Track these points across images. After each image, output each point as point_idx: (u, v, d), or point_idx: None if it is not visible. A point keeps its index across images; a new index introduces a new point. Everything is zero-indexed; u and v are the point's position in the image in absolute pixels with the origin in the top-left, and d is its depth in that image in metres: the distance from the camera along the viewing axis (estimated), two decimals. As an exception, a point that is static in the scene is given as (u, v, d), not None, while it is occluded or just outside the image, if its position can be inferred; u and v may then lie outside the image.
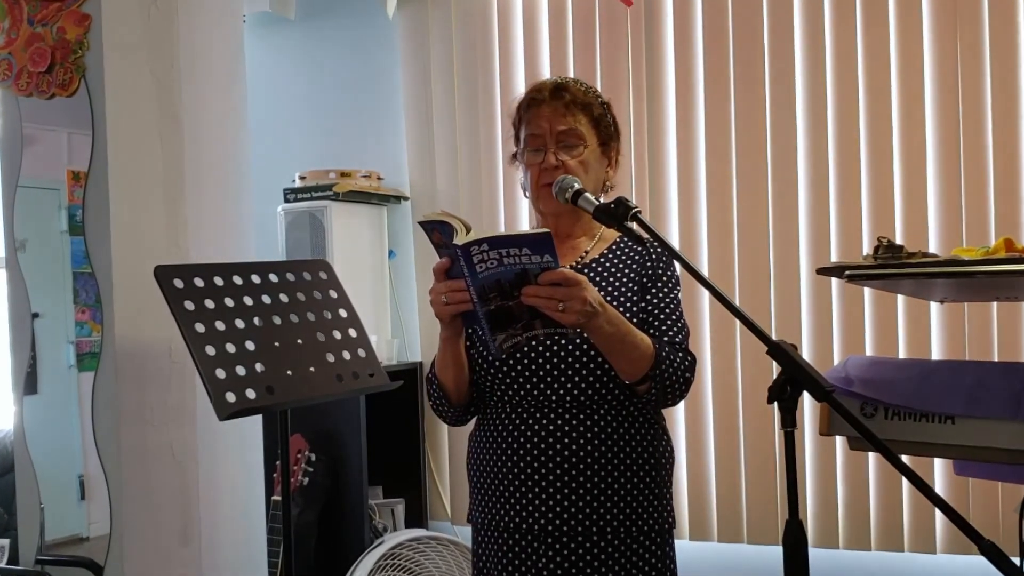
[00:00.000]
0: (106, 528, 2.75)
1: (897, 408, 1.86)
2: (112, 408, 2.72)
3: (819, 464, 3.59)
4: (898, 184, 3.51)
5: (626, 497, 1.87)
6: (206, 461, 2.90)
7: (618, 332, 1.75)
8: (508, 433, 1.91)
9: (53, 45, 2.82)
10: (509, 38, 4.10)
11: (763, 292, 3.66)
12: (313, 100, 4.52)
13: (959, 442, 1.79)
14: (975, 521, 3.28)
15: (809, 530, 3.52)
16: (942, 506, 1.34)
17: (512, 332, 1.69)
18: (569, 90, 1.96)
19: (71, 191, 3.00)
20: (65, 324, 2.98)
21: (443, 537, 3.47)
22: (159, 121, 2.86)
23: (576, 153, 1.93)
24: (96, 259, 2.75)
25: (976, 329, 3.38)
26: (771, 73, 3.67)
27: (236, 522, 3.04)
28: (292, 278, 2.41)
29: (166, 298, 2.16)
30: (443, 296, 1.72)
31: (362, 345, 2.45)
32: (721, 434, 3.73)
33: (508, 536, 1.91)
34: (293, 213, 4.04)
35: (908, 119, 3.49)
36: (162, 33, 2.87)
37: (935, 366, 2.18)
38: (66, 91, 2.80)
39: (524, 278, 1.63)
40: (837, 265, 1.90)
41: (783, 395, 1.41)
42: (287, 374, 2.25)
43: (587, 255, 1.99)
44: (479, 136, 4.14)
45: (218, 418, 2.10)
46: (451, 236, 1.64)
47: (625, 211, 1.69)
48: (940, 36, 3.45)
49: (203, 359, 2.12)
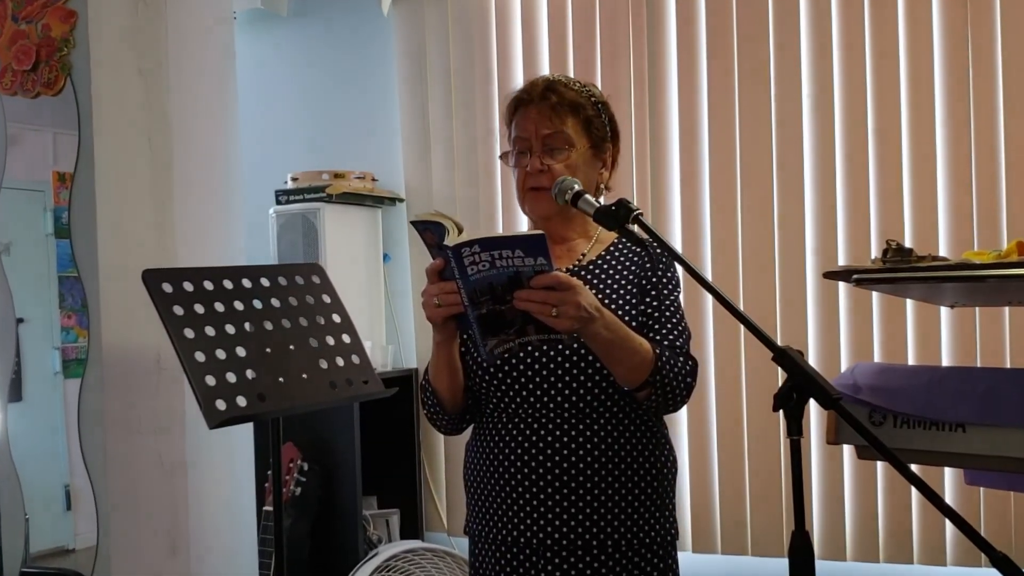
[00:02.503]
0: (93, 539, 2.75)
1: (906, 416, 1.86)
2: (99, 416, 2.72)
3: (826, 474, 3.59)
4: (907, 185, 3.51)
5: (627, 509, 1.87)
6: (195, 471, 2.90)
7: (616, 337, 1.74)
8: (505, 443, 1.90)
9: (38, 43, 2.82)
10: (507, 34, 4.11)
11: (768, 296, 3.66)
12: (306, 99, 4.53)
13: (970, 451, 1.79)
14: (987, 533, 3.29)
15: (816, 542, 3.54)
16: (953, 517, 1.33)
17: (504, 337, 1.68)
18: (557, 91, 1.95)
19: (57, 192, 3.01)
20: (50, 329, 2.99)
21: (439, 549, 3.47)
22: (147, 120, 2.86)
23: (562, 157, 1.92)
24: (82, 262, 2.75)
25: (988, 334, 3.38)
26: (776, 69, 3.67)
27: (226, 533, 3.04)
28: (284, 282, 2.41)
29: (154, 303, 2.15)
30: (435, 298, 1.72)
31: (356, 351, 2.45)
32: (725, 443, 3.73)
33: (507, 549, 1.91)
34: (285, 215, 4.04)
35: (918, 117, 3.50)
36: (150, 30, 2.87)
37: (945, 373, 2.17)
38: (51, 90, 2.80)
39: (517, 281, 1.62)
40: (845, 269, 1.90)
41: (789, 402, 1.41)
42: (279, 381, 2.25)
43: (584, 257, 1.99)
44: (476, 136, 4.14)
45: (208, 426, 2.10)
46: (443, 237, 1.64)
47: (626, 213, 1.69)
48: (951, 31, 3.45)
49: (192, 365, 2.12)
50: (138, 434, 2.77)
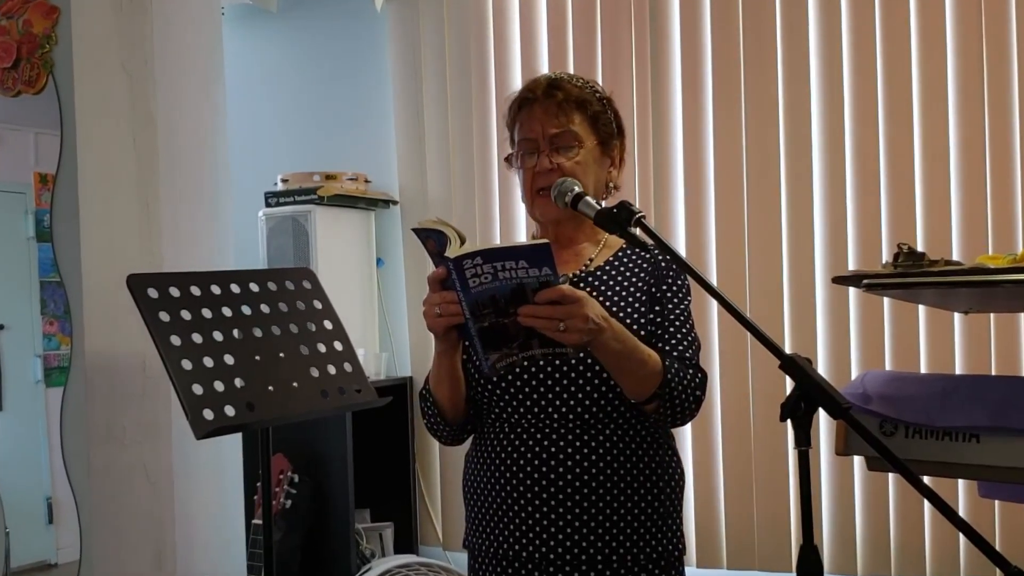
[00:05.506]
0: (75, 554, 2.75)
1: (918, 426, 1.86)
2: (82, 426, 2.72)
3: (835, 486, 3.59)
4: (919, 186, 3.52)
5: (633, 523, 1.87)
6: (182, 483, 2.90)
7: (624, 349, 1.74)
8: (507, 454, 1.90)
9: (19, 39, 2.83)
10: (505, 30, 4.11)
11: (776, 302, 3.66)
12: (296, 98, 4.53)
13: (984, 462, 1.80)
14: (1001, 547, 3.29)
15: (825, 556, 3.53)
16: (966, 530, 1.34)
17: (507, 351, 1.66)
18: (562, 88, 1.96)
19: (38, 195, 3.01)
20: (32, 336, 2.99)
21: (435, 564, 3.47)
22: (132, 120, 2.86)
23: (571, 155, 1.92)
24: (65, 267, 2.75)
25: (1002, 341, 3.38)
26: (784, 66, 3.67)
27: (214, 547, 3.04)
28: (274, 287, 2.41)
29: (139, 309, 2.15)
30: (436, 308, 1.71)
31: (348, 359, 2.45)
32: (731, 454, 3.73)
33: (507, 564, 1.91)
34: (275, 218, 4.04)
35: (930, 116, 3.50)
36: (135, 26, 2.88)
37: (959, 381, 2.18)
38: (33, 88, 2.80)
39: (521, 293, 1.60)
40: (855, 274, 1.90)
41: (797, 412, 1.41)
42: (268, 390, 2.25)
43: (591, 263, 1.99)
44: (473, 136, 4.14)
45: (195, 436, 2.10)
46: (445, 245, 1.63)
47: (628, 216, 1.68)
48: (964, 27, 3.45)
49: (179, 374, 2.12)
50: (123, 445, 2.77)
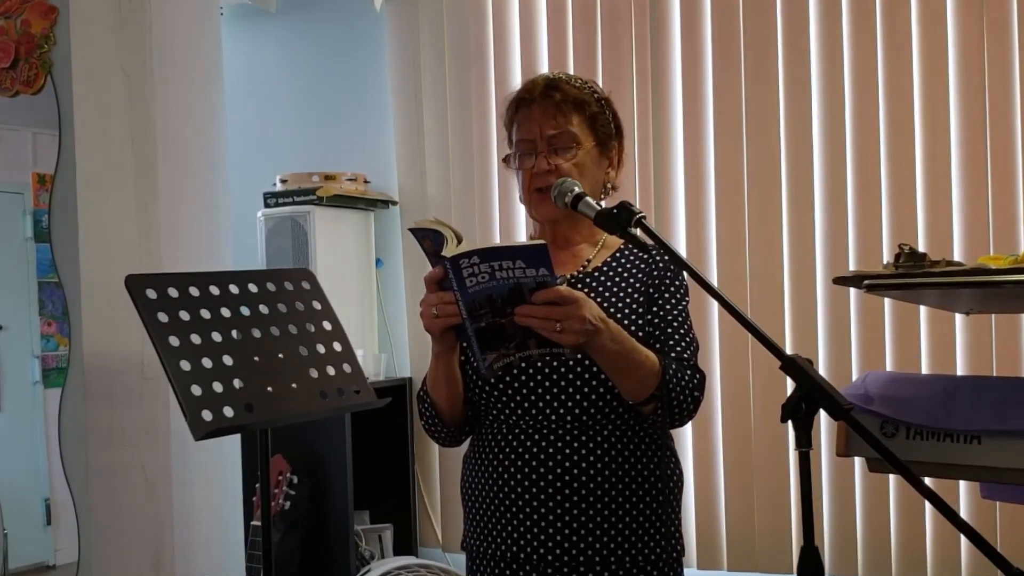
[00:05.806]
0: (74, 555, 2.75)
1: (919, 427, 1.86)
2: (80, 427, 2.72)
3: (836, 487, 3.59)
4: (920, 187, 3.52)
5: (631, 524, 1.87)
6: (180, 484, 2.90)
7: (622, 350, 1.74)
8: (505, 455, 1.90)
9: (17, 39, 2.83)
10: (504, 30, 4.12)
11: (777, 303, 3.67)
12: (295, 98, 4.53)
13: (986, 463, 1.80)
14: (1003, 548, 3.29)
15: (826, 558, 3.54)
16: (968, 532, 1.34)
17: (504, 352, 1.67)
18: (560, 88, 1.96)
19: (36, 195, 3.01)
20: (30, 337, 2.99)
21: (434, 565, 3.47)
22: (130, 120, 2.86)
23: (569, 156, 1.93)
24: (63, 268, 2.75)
25: (1004, 342, 3.38)
26: (785, 65, 3.68)
27: (212, 549, 3.04)
28: (273, 288, 2.41)
29: (138, 309, 2.16)
30: (433, 308, 1.72)
31: (347, 360, 2.45)
32: (732, 455, 3.73)
33: (506, 566, 1.91)
34: (274, 219, 4.04)
35: (931, 116, 3.50)
36: (134, 26, 2.88)
37: (960, 382, 2.18)
38: (31, 88, 2.80)
39: (518, 293, 1.61)
40: (856, 274, 1.90)
41: (798, 413, 1.41)
42: (267, 391, 2.25)
43: (589, 263, 1.99)
44: (472, 136, 4.15)
45: (194, 438, 2.10)
46: (442, 245, 1.63)
47: (628, 217, 1.68)
48: (965, 24, 3.45)
49: (177, 375, 2.12)
50: (121, 446, 2.77)
